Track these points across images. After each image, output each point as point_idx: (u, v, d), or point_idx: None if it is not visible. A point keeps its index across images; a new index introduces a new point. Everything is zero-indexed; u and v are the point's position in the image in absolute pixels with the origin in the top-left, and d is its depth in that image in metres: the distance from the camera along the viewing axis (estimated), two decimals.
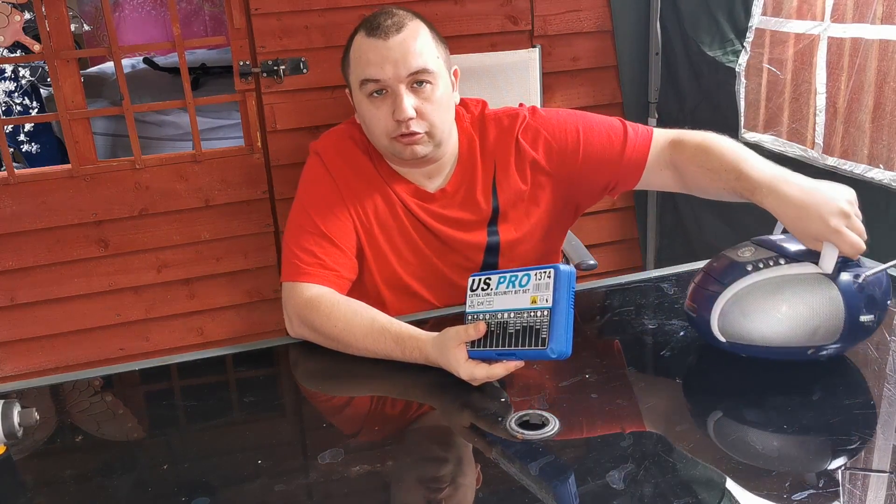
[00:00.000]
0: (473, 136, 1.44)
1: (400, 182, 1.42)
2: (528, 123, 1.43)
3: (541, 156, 1.42)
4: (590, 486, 0.90)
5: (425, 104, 1.32)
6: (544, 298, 1.02)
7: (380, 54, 1.30)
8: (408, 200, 1.41)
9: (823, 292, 1.05)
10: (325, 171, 1.41)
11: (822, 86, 1.97)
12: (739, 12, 2.20)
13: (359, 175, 1.41)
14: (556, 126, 1.43)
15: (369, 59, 1.31)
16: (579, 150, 1.41)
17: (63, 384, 1.24)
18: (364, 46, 1.32)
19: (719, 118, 2.35)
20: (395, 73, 1.30)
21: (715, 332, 1.10)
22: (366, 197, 1.40)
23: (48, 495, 0.98)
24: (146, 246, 2.44)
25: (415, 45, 1.31)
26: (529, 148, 1.42)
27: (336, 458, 0.98)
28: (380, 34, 1.30)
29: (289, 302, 1.29)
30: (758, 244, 1.16)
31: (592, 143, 1.41)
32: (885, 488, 0.89)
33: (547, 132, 1.42)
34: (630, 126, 1.41)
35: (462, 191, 1.42)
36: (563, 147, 1.42)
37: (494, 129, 1.43)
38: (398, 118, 1.31)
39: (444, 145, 1.38)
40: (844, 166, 1.91)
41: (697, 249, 2.61)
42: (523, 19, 2.54)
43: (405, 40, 1.30)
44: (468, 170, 1.43)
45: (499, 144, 1.43)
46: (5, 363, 2.43)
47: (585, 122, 1.43)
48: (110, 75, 3.76)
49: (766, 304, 1.06)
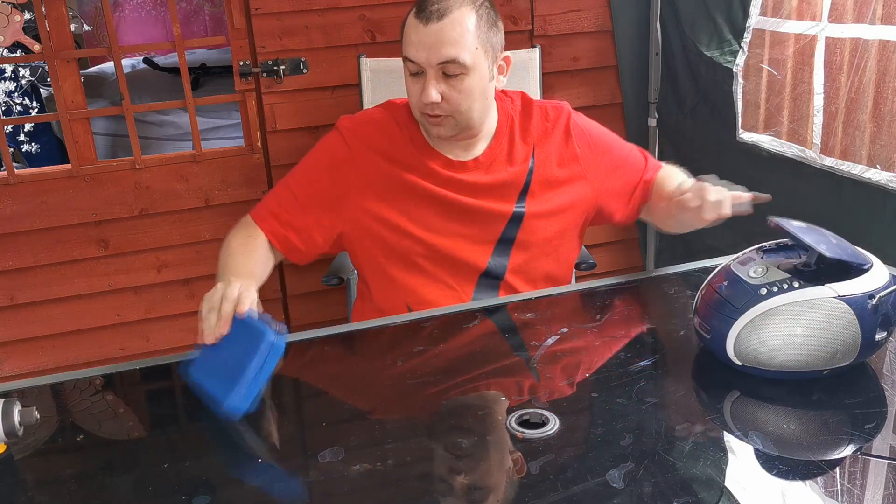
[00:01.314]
0: (513, 116, 1.52)
1: (432, 155, 1.48)
2: (573, 120, 1.54)
3: (580, 151, 1.51)
4: (589, 484, 0.90)
5: (452, 92, 1.38)
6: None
7: (418, 38, 1.36)
8: (439, 172, 1.47)
9: (839, 317, 1.04)
10: (335, 142, 1.50)
11: (821, 86, 1.97)
12: (737, 12, 2.20)
13: (383, 147, 1.49)
14: (596, 129, 1.57)
15: (410, 39, 1.38)
16: (611, 156, 1.54)
17: (64, 383, 1.24)
18: (411, 25, 1.38)
19: (717, 118, 2.35)
20: (427, 59, 1.36)
21: (731, 357, 1.09)
22: (385, 167, 1.47)
23: (49, 494, 0.98)
24: (146, 246, 2.44)
25: (451, 35, 1.35)
26: (575, 141, 1.51)
27: (336, 456, 0.98)
28: (422, 18, 1.36)
29: (237, 225, 1.49)
30: (763, 252, 1.15)
31: (622, 156, 1.56)
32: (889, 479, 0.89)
33: (588, 132, 1.54)
34: (650, 158, 1.58)
35: (498, 160, 1.49)
36: (597, 149, 1.54)
37: (538, 113, 1.52)
38: (423, 100, 1.38)
39: (474, 127, 1.45)
40: (842, 166, 1.91)
41: (697, 249, 2.61)
42: (523, 19, 2.54)
43: (443, 28, 1.34)
44: (505, 143, 1.50)
45: (540, 128, 1.51)
46: (5, 363, 2.43)
47: (616, 138, 1.59)
48: (110, 75, 3.76)
49: (783, 331, 1.05)
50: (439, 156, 1.48)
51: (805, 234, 1.10)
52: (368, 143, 1.49)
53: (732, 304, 1.08)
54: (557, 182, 1.50)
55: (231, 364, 1.04)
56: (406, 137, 1.49)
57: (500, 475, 0.94)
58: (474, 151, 1.49)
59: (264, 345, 1.04)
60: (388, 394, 1.13)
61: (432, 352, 1.23)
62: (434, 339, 1.29)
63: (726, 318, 1.09)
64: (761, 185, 2.22)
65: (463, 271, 1.48)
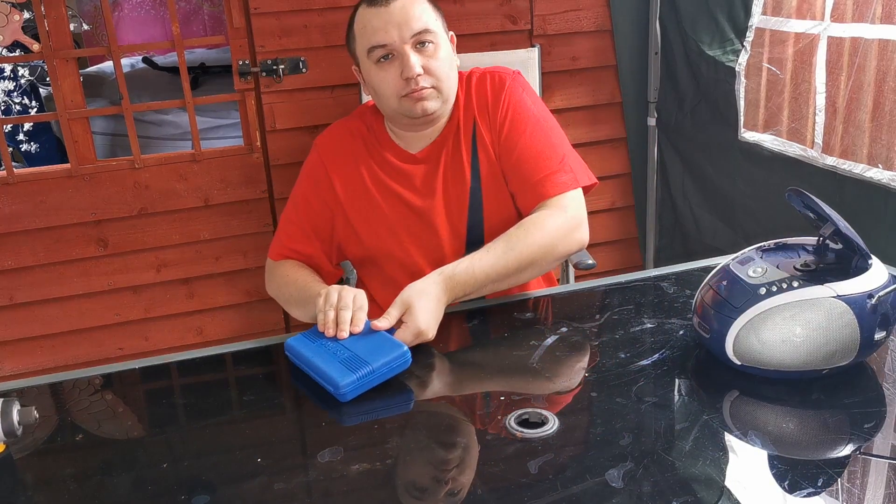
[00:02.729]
0: (460, 94, 1.49)
1: (395, 150, 1.48)
2: (510, 87, 1.46)
3: (500, 119, 1.46)
4: (589, 484, 0.90)
5: (430, 61, 1.39)
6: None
7: (383, 20, 1.37)
8: (401, 167, 1.47)
9: (839, 317, 1.04)
10: (315, 165, 1.51)
11: (822, 85, 1.97)
12: (739, 11, 2.20)
13: (355, 153, 1.49)
14: (523, 111, 1.46)
15: (374, 26, 1.38)
16: (521, 145, 1.44)
17: (63, 383, 1.24)
18: (367, 16, 1.39)
19: (718, 118, 2.35)
20: (400, 36, 1.37)
21: (730, 356, 1.09)
22: (355, 172, 1.48)
23: (48, 494, 0.98)
24: (145, 245, 2.44)
25: (415, 9, 1.38)
26: (500, 108, 1.45)
27: (335, 456, 0.98)
28: (381, 2, 1.37)
29: (267, 274, 1.53)
30: (762, 252, 1.15)
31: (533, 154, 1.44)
32: (888, 479, 0.89)
33: (516, 105, 1.46)
34: (564, 173, 1.42)
35: (446, 147, 1.46)
36: (513, 129, 1.45)
37: (478, 81, 1.48)
38: (407, 76, 1.38)
39: (451, 99, 1.45)
40: (844, 166, 1.91)
41: (696, 249, 2.62)
42: (523, 19, 2.54)
43: (405, 5, 1.38)
44: (452, 126, 1.47)
45: (480, 96, 1.48)
46: (4, 363, 2.43)
47: (535, 129, 1.45)
48: (109, 75, 3.75)
49: (782, 331, 1.05)
50: (401, 150, 1.49)
51: (826, 207, 1.10)
52: (341, 154, 1.50)
53: (731, 303, 1.08)
54: (499, 172, 1.47)
55: (357, 356, 1.14)
56: (373, 139, 1.50)
57: (499, 475, 0.94)
58: (431, 135, 1.48)
59: (399, 354, 1.14)
60: (388, 393, 1.13)
61: (431, 352, 1.23)
62: (433, 338, 1.29)
63: (725, 317, 1.09)
64: (762, 184, 2.24)
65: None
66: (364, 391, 1.11)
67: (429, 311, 1.23)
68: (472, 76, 1.50)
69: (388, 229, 1.48)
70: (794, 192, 1.13)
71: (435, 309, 1.24)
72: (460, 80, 1.49)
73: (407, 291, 1.24)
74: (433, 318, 1.24)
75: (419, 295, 1.23)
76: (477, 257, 1.32)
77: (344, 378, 1.09)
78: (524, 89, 1.48)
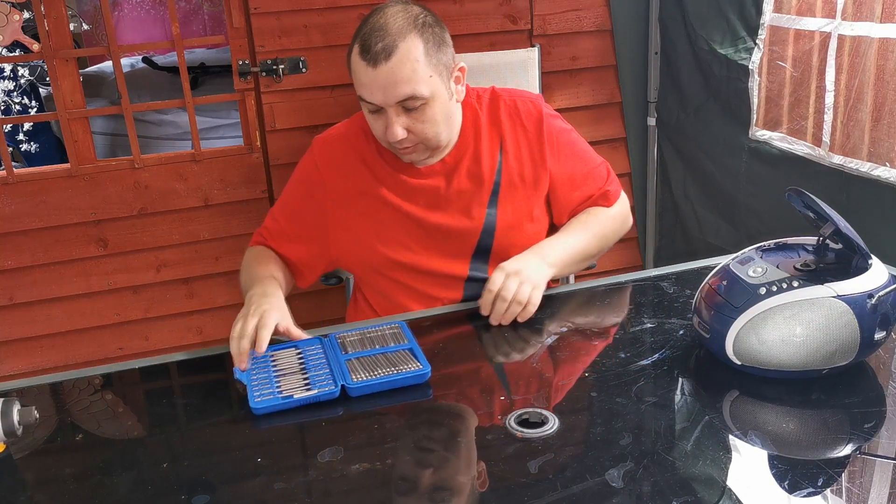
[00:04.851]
0: (478, 110, 1.48)
1: (399, 165, 1.46)
2: (547, 121, 1.48)
3: (549, 155, 1.47)
4: (589, 484, 0.90)
5: (416, 123, 1.35)
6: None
7: (369, 80, 1.32)
8: (407, 181, 1.45)
9: (839, 317, 1.04)
10: (308, 167, 1.51)
11: (831, 83, 1.97)
12: (750, 9, 2.19)
13: (353, 163, 1.47)
14: (566, 136, 1.51)
15: (361, 81, 1.34)
16: (577, 168, 1.51)
17: (63, 382, 1.24)
18: (357, 66, 1.34)
19: (728, 116, 2.34)
20: (384, 100, 1.33)
21: (730, 356, 1.09)
22: (353, 184, 1.47)
23: (48, 493, 0.98)
24: (145, 245, 2.43)
25: (403, 73, 1.31)
26: (546, 145, 1.47)
27: (335, 456, 0.98)
28: (369, 60, 1.31)
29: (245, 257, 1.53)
30: (762, 252, 1.15)
31: (585, 171, 1.52)
32: (888, 478, 0.89)
33: (558, 137, 1.49)
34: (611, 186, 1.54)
35: (465, 159, 1.46)
36: (565, 157, 1.49)
37: (508, 108, 1.49)
38: (389, 139, 1.36)
39: (443, 145, 1.43)
40: (850, 164, 1.91)
41: (696, 248, 2.61)
42: (522, 18, 2.54)
43: (392, 69, 1.30)
44: (471, 141, 1.47)
45: (510, 123, 1.48)
46: (4, 362, 2.43)
47: (586, 149, 1.56)
48: (109, 74, 3.75)
49: (782, 331, 1.05)
50: (407, 165, 1.46)
51: (825, 207, 1.10)
52: (338, 161, 1.48)
53: (732, 303, 1.09)
54: (527, 183, 1.47)
55: (373, 361, 1.18)
56: (373, 148, 1.47)
57: (499, 475, 0.94)
58: (441, 154, 1.46)
59: (415, 370, 1.15)
60: (387, 393, 1.13)
61: (432, 351, 1.23)
62: (433, 338, 1.29)
63: (725, 317, 1.09)
64: (767, 183, 2.23)
65: (445, 282, 1.47)
66: (368, 393, 1.12)
67: (539, 271, 1.34)
68: (498, 99, 1.49)
69: (380, 238, 1.46)
70: (795, 192, 1.13)
71: (543, 273, 1.36)
72: (480, 99, 1.49)
73: (506, 263, 1.34)
74: (542, 279, 1.34)
75: (519, 262, 1.34)
76: (561, 238, 1.44)
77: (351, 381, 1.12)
78: (557, 116, 1.53)
